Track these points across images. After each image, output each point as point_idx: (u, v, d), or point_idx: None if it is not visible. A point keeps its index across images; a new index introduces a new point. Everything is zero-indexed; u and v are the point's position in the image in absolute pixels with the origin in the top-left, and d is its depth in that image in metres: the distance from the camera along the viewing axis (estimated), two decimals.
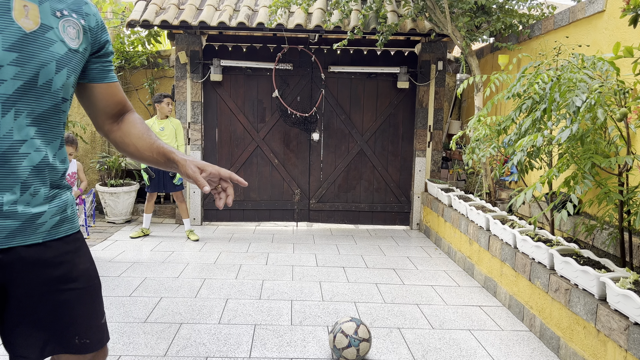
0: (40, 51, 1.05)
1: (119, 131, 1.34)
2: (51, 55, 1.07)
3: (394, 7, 5.73)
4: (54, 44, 1.08)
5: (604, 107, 2.40)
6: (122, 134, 1.33)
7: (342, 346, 2.61)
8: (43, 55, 1.06)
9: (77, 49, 1.15)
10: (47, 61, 1.06)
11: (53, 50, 1.08)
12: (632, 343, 2.20)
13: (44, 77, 1.06)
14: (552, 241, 3.22)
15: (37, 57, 1.05)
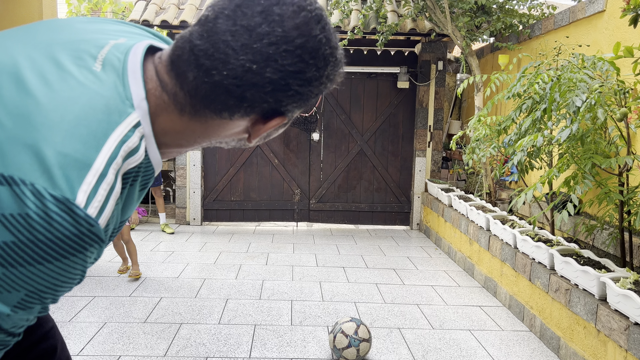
0: None
1: None
2: None
3: (394, 7, 5.73)
4: None
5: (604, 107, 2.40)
6: None
7: (342, 346, 2.61)
8: None
9: None
10: None
11: None
12: (633, 343, 2.20)
13: None
14: (552, 241, 3.22)
15: None
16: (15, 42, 0.66)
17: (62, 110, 0.59)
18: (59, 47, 0.66)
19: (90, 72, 0.64)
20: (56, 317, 3.17)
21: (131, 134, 0.64)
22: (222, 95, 0.66)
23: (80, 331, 2.97)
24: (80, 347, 2.77)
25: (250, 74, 0.64)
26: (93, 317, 3.19)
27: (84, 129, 0.59)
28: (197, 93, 0.66)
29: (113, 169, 0.61)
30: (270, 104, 0.68)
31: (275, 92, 0.67)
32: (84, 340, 2.85)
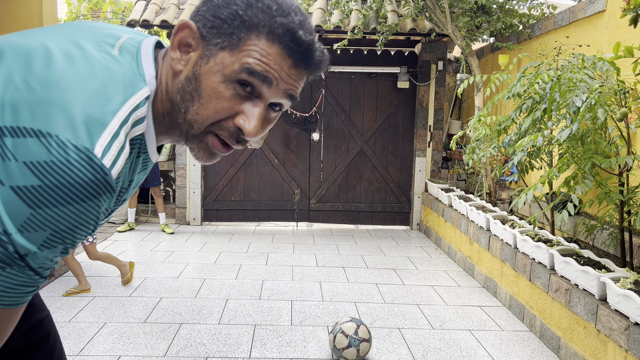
0: None
1: None
2: None
3: (394, 7, 5.73)
4: None
5: (604, 107, 2.39)
6: None
7: (342, 346, 2.61)
8: None
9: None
10: None
11: None
12: (633, 343, 2.20)
13: None
14: (552, 241, 3.22)
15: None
16: (44, 33, 0.77)
17: (85, 81, 0.69)
18: (82, 38, 0.77)
19: (109, 55, 0.75)
20: (56, 317, 3.17)
21: (142, 104, 0.74)
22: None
23: (80, 331, 2.97)
24: (80, 347, 2.77)
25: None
26: (93, 317, 3.18)
27: (102, 96, 0.69)
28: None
29: (124, 132, 0.70)
30: (195, 14, 0.81)
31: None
32: (84, 341, 2.85)
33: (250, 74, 0.75)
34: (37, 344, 1.05)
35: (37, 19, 3.79)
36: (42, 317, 1.10)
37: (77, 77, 0.69)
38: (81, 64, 0.71)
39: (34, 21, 3.78)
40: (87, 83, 0.69)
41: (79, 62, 0.71)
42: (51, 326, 1.11)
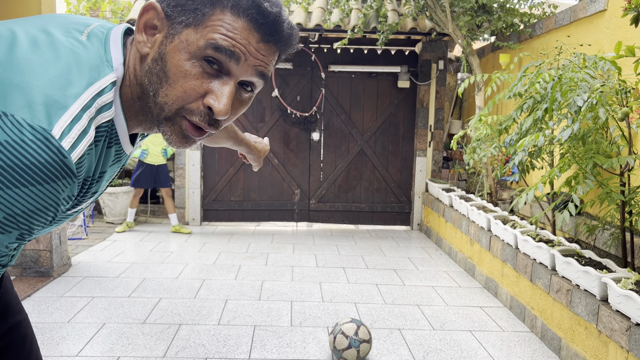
0: None
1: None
2: None
3: (395, 6, 5.72)
4: None
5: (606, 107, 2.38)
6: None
7: (342, 347, 2.60)
8: None
9: None
10: None
11: None
12: (634, 344, 2.18)
13: None
14: (553, 242, 3.20)
15: None
16: (15, 21, 0.77)
17: (48, 64, 0.68)
18: (52, 25, 0.77)
19: (77, 40, 0.75)
20: (55, 317, 3.16)
21: (107, 90, 0.73)
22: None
23: (79, 332, 2.96)
24: (79, 347, 2.76)
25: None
26: (92, 317, 3.17)
27: (65, 80, 0.68)
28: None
29: (87, 116, 0.69)
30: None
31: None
32: (83, 341, 2.84)
33: (216, 49, 0.73)
34: (12, 348, 1.01)
35: None
36: (19, 320, 1.05)
37: (40, 60, 0.69)
38: (46, 48, 0.71)
39: None
40: (49, 66, 0.68)
41: (44, 47, 0.71)
42: (28, 330, 1.06)
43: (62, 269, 4.06)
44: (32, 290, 3.61)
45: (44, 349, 2.74)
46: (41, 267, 3.92)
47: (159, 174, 5.47)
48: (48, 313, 3.24)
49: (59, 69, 0.69)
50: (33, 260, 3.91)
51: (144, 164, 5.39)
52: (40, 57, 0.69)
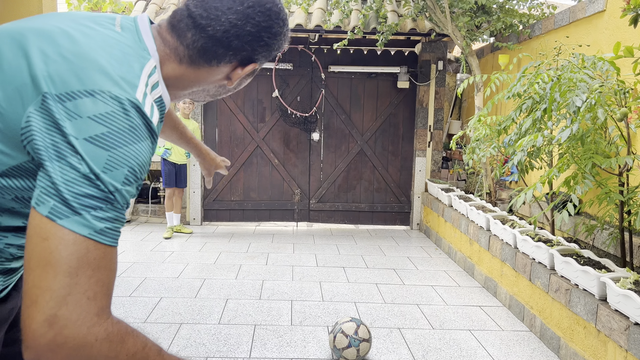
0: None
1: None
2: None
3: (394, 7, 5.73)
4: None
5: (604, 107, 2.39)
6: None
7: (342, 346, 2.61)
8: None
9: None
10: None
11: None
12: (633, 343, 2.20)
13: None
14: (552, 241, 3.21)
15: None
16: (48, 18, 0.86)
17: (108, 51, 0.80)
18: (81, 19, 0.87)
19: (114, 31, 0.85)
20: None
21: (154, 72, 0.85)
22: (214, 46, 0.90)
23: None
24: None
25: (236, 28, 0.89)
26: None
27: (126, 63, 0.81)
28: (194, 46, 0.90)
29: (148, 92, 0.83)
30: (248, 52, 0.93)
31: (252, 42, 0.92)
32: None
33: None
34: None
35: None
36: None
37: (100, 48, 0.80)
38: (100, 37, 0.82)
39: None
40: (110, 52, 0.80)
41: (97, 37, 0.82)
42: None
43: None
44: None
45: None
46: None
47: (180, 173, 5.47)
48: None
49: (118, 55, 0.80)
50: None
51: (168, 163, 5.39)
52: (98, 46, 0.79)
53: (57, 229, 0.69)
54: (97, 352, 0.69)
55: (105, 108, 0.74)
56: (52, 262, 0.68)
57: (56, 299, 0.67)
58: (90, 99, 0.74)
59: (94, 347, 0.69)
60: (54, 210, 0.70)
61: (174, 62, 0.92)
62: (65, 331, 0.67)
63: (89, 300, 0.69)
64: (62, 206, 0.70)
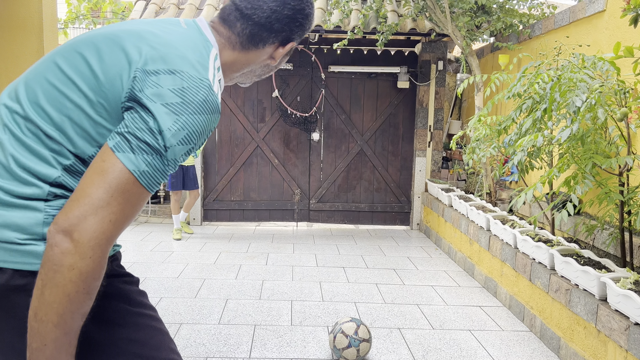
0: None
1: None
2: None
3: (394, 6, 5.73)
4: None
5: (605, 107, 2.39)
6: None
7: (342, 346, 2.61)
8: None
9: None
10: None
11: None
12: (633, 343, 2.20)
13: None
14: (552, 241, 3.21)
15: None
16: (130, 24, 1.06)
17: (185, 42, 1.01)
18: (156, 22, 1.08)
19: (183, 28, 1.06)
20: None
21: (216, 58, 1.05)
22: (259, 31, 1.12)
23: None
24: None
25: (276, 13, 1.11)
26: None
27: (198, 51, 1.01)
28: (244, 33, 1.12)
29: (215, 74, 1.03)
30: (286, 33, 1.15)
31: (290, 24, 1.13)
32: None
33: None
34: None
35: (37, 19, 3.79)
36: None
37: (178, 40, 1.01)
38: (175, 33, 1.03)
39: (33, 21, 3.78)
40: (186, 43, 1.01)
41: (173, 33, 1.03)
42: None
43: None
44: None
45: None
46: None
47: (188, 175, 5.38)
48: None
49: (191, 45, 1.01)
50: None
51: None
52: (177, 39, 1.01)
53: (113, 158, 0.88)
54: (82, 265, 0.83)
55: (182, 84, 0.94)
56: (101, 177, 0.87)
57: (90, 205, 0.85)
58: (171, 76, 0.94)
59: (84, 259, 0.83)
60: (117, 145, 0.89)
61: (228, 49, 1.13)
62: (83, 233, 0.83)
63: (109, 222, 0.86)
64: (123, 144, 0.89)
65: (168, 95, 0.92)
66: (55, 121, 0.95)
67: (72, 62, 0.98)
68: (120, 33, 1.01)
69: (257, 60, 1.17)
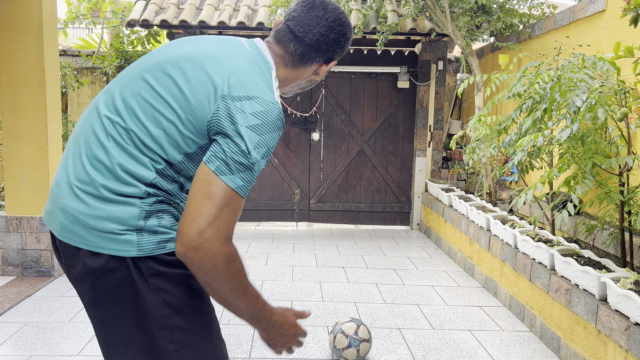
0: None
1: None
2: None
3: (394, 6, 5.73)
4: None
5: (605, 107, 2.39)
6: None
7: (342, 346, 2.61)
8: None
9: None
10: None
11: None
12: (633, 343, 2.19)
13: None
14: (552, 241, 3.21)
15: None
16: (203, 45, 1.25)
17: (253, 67, 1.20)
18: (223, 44, 1.26)
19: (247, 51, 1.24)
20: (56, 317, 3.17)
21: (275, 80, 1.23)
22: (309, 51, 1.32)
23: (80, 331, 2.97)
24: (80, 347, 2.77)
25: (323, 37, 1.31)
26: None
27: (264, 75, 1.20)
28: (296, 52, 1.31)
29: (277, 94, 1.21)
30: (330, 53, 1.36)
31: (334, 45, 1.35)
32: (84, 341, 2.85)
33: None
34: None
35: (37, 19, 3.79)
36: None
37: (248, 67, 1.19)
38: (243, 58, 1.20)
39: (33, 21, 3.78)
40: (254, 69, 1.19)
41: (241, 58, 1.20)
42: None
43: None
44: (33, 290, 3.62)
45: (45, 348, 2.75)
46: (42, 266, 3.93)
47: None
48: (49, 312, 3.24)
49: (258, 70, 1.20)
50: (34, 260, 3.92)
51: None
52: (246, 65, 1.19)
53: (218, 180, 1.07)
54: (218, 261, 1.06)
55: (259, 108, 1.13)
56: (211, 199, 1.06)
57: (207, 221, 1.04)
58: (250, 102, 1.12)
59: (217, 257, 1.05)
60: (218, 168, 1.08)
61: (282, 67, 1.33)
62: (207, 242, 1.04)
63: (224, 228, 1.07)
64: (224, 167, 1.08)
65: (250, 119, 1.11)
66: (152, 134, 1.14)
67: (162, 82, 1.17)
68: (200, 57, 1.19)
69: (304, 75, 1.38)
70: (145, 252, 1.14)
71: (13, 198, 3.90)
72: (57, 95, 4.03)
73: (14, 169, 3.87)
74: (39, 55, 3.82)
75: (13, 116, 3.84)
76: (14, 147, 3.86)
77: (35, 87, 3.83)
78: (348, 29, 1.37)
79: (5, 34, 3.80)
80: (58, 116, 4.04)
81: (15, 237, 3.90)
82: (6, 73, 3.83)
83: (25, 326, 3.03)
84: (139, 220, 1.13)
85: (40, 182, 3.88)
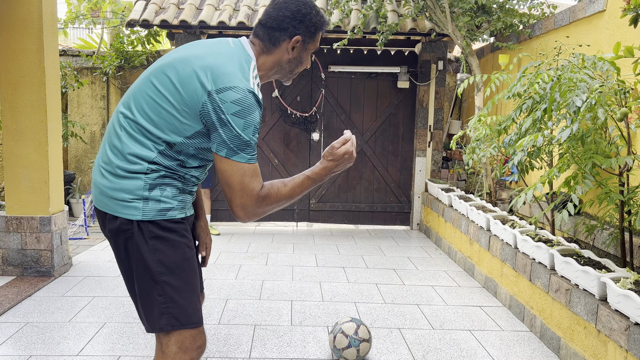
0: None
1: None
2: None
3: (394, 6, 5.73)
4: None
5: (605, 107, 2.39)
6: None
7: (342, 346, 2.61)
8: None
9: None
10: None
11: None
12: (633, 343, 2.19)
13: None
14: (552, 241, 3.21)
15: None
16: (195, 48, 1.51)
17: (233, 62, 1.45)
18: (211, 45, 1.52)
19: (230, 47, 1.50)
20: (56, 317, 3.17)
21: (254, 67, 1.50)
22: (273, 32, 1.54)
23: (80, 331, 2.97)
24: (80, 347, 2.77)
25: (281, 17, 1.54)
26: (93, 317, 3.18)
27: (242, 68, 1.45)
28: (265, 38, 1.56)
29: (254, 81, 1.46)
30: (292, 29, 1.55)
31: (292, 22, 1.54)
32: (84, 341, 2.85)
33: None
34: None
35: (37, 19, 3.79)
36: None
37: (228, 60, 1.44)
38: (224, 54, 1.46)
39: (33, 21, 3.78)
40: (233, 62, 1.44)
41: (223, 54, 1.46)
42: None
43: (63, 269, 4.06)
44: (33, 290, 3.62)
45: (45, 348, 2.75)
46: (42, 266, 3.93)
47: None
48: (49, 312, 3.24)
49: (237, 63, 1.44)
50: (34, 260, 3.92)
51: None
52: (227, 59, 1.44)
53: (231, 162, 1.42)
54: (261, 211, 1.49)
55: (237, 95, 1.38)
56: (233, 176, 1.43)
57: (239, 196, 1.44)
58: (228, 92, 1.38)
59: (260, 209, 1.48)
60: (228, 153, 1.41)
61: (262, 55, 1.57)
62: (248, 209, 1.46)
63: (252, 190, 1.45)
64: (230, 151, 1.41)
65: (232, 107, 1.38)
66: (155, 122, 1.44)
67: (161, 81, 1.45)
68: (190, 57, 1.45)
69: (281, 57, 1.58)
70: (148, 217, 1.45)
71: (13, 198, 3.90)
72: (57, 95, 4.03)
73: (14, 169, 3.87)
74: (39, 55, 3.82)
75: (13, 116, 3.84)
76: (14, 147, 3.86)
77: (35, 87, 3.83)
78: (303, 5, 1.54)
79: (5, 34, 3.80)
80: (58, 116, 4.04)
81: (15, 237, 3.90)
82: (6, 73, 3.83)
83: (25, 326, 3.03)
84: (144, 191, 1.45)
85: (40, 182, 3.88)
